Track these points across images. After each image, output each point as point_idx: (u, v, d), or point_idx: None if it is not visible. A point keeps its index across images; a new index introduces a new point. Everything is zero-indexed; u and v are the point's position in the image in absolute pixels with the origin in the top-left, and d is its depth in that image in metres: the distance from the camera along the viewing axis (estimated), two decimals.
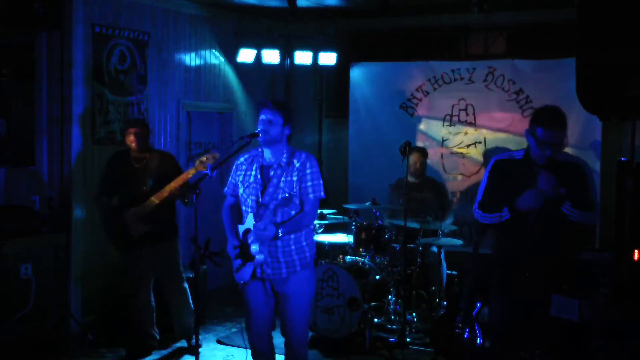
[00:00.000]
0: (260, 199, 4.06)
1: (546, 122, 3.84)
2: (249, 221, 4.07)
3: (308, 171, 4.09)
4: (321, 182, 4.14)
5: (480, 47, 7.81)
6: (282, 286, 4.18)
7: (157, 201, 5.17)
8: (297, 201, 4.07)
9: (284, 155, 4.12)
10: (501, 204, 3.92)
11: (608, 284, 5.03)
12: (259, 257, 4.03)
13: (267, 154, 4.15)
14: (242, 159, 4.27)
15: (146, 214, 5.22)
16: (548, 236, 3.94)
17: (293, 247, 4.13)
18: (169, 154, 5.66)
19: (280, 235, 3.98)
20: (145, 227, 5.25)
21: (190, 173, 5.10)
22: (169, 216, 5.47)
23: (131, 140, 5.33)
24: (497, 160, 4.05)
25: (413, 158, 6.58)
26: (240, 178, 4.21)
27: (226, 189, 4.34)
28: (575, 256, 4.10)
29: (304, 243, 4.19)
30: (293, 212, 4.06)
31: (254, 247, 4.02)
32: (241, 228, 4.14)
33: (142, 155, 5.37)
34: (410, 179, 6.56)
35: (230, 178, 4.32)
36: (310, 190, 4.08)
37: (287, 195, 4.04)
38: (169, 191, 5.14)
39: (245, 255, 4.07)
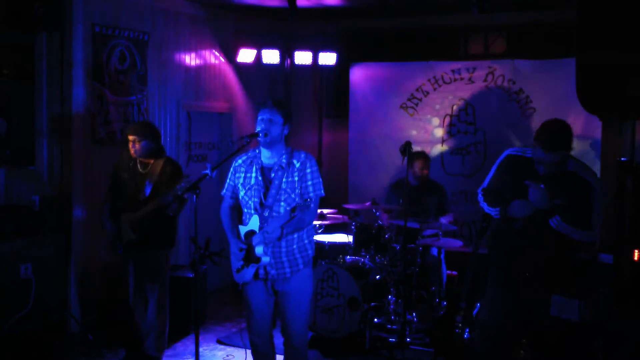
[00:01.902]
0: (263, 201, 4.07)
1: (545, 145, 3.78)
2: (253, 223, 4.08)
3: (308, 170, 4.11)
4: (320, 180, 4.16)
5: (480, 47, 7.82)
6: (283, 284, 4.19)
7: (141, 214, 5.11)
8: (299, 200, 4.08)
9: (284, 156, 4.12)
10: (497, 202, 3.98)
11: (608, 284, 5.04)
12: (265, 259, 4.04)
13: (266, 154, 4.15)
14: (240, 161, 4.26)
15: (135, 222, 5.13)
16: (537, 238, 3.95)
17: (295, 247, 4.15)
18: (172, 164, 5.35)
19: (283, 235, 3.99)
20: (133, 235, 5.15)
21: (156, 203, 5.02)
22: (162, 226, 5.24)
23: (132, 148, 5.20)
24: (509, 154, 4.08)
25: (418, 164, 6.58)
26: (241, 180, 4.21)
27: (224, 190, 4.33)
28: (571, 257, 4.07)
29: (306, 241, 4.21)
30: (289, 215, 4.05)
31: (259, 249, 4.02)
32: (242, 229, 4.15)
33: (147, 160, 5.28)
34: (413, 182, 6.57)
35: (228, 180, 4.32)
36: (311, 189, 4.10)
37: (292, 196, 4.06)
38: (143, 214, 5.08)
39: (250, 256, 4.07)
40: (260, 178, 4.12)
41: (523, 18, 7.46)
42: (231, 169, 4.30)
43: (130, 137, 5.20)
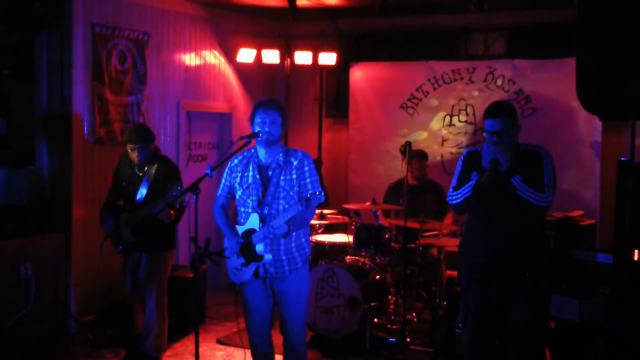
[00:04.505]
0: (262, 199, 4.08)
1: (488, 113, 4.12)
2: (252, 222, 4.08)
3: (306, 168, 4.13)
4: (318, 178, 4.19)
5: (480, 47, 7.82)
6: (281, 284, 4.19)
7: (136, 219, 5.08)
8: (297, 198, 4.09)
9: (281, 154, 4.13)
10: (466, 180, 4.16)
11: (608, 284, 5.04)
12: (267, 256, 4.05)
13: (263, 153, 4.15)
14: (236, 161, 4.27)
15: (134, 224, 5.10)
16: (503, 224, 4.08)
17: (293, 245, 4.16)
18: (167, 164, 5.28)
19: (290, 232, 4.01)
20: (131, 237, 5.12)
21: (147, 210, 5.00)
22: (160, 230, 5.18)
23: (133, 155, 5.15)
24: (468, 152, 4.33)
25: (417, 164, 6.60)
26: (238, 180, 4.21)
27: (219, 191, 4.33)
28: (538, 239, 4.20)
29: (303, 239, 4.23)
30: (299, 209, 4.05)
31: (260, 247, 4.03)
32: (240, 229, 4.15)
33: (145, 162, 5.22)
34: (413, 181, 6.58)
35: (223, 180, 4.31)
36: (310, 187, 4.11)
37: (290, 194, 4.06)
38: (138, 219, 5.06)
39: (250, 255, 4.08)
40: (258, 176, 4.13)
41: (523, 18, 7.46)
42: (227, 169, 4.30)
43: (130, 146, 5.14)
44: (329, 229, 6.82)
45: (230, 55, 7.82)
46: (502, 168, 4.03)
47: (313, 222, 6.36)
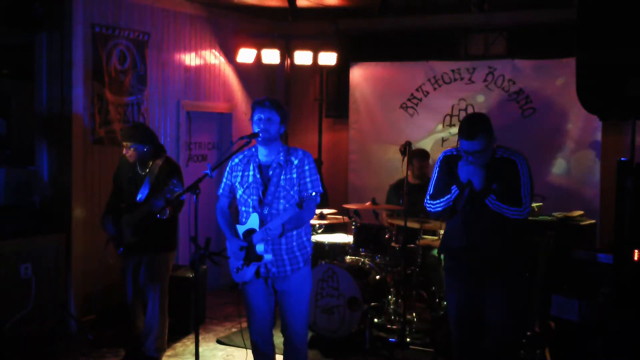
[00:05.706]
0: (262, 199, 4.08)
1: (463, 134, 4.02)
2: (252, 221, 4.08)
3: (306, 167, 4.13)
4: (319, 176, 4.19)
5: (480, 47, 7.82)
6: (282, 283, 4.19)
7: (137, 218, 5.07)
8: (297, 198, 4.09)
9: (281, 154, 4.13)
10: (450, 186, 4.12)
11: (608, 284, 5.03)
12: (267, 256, 4.05)
13: (263, 152, 4.16)
14: (236, 160, 4.27)
15: (135, 224, 5.09)
16: (482, 224, 4.08)
17: (295, 244, 4.16)
18: (169, 164, 5.26)
19: (285, 231, 4.00)
20: (132, 238, 5.10)
21: (147, 208, 4.99)
22: (161, 230, 5.17)
23: (127, 154, 5.13)
24: (445, 155, 4.28)
25: (418, 163, 6.61)
26: (238, 179, 4.21)
27: (221, 190, 4.33)
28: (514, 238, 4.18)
29: (304, 238, 4.23)
30: (296, 210, 4.06)
31: (260, 247, 4.03)
32: (240, 228, 4.15)
33: (146, 162, 5.20)
34: (414, 181, 6.57)
35: (224, 179, 4.31)
36: (309, 186, 4.11)
37: (291, 193, 4.06)
38: (138, 217, 5.05)
39: (251, 255, 4.07)
40: (258, 176, 4.13)
41: (523, 18, 7.46)
42: (227, 169, 4.30)
43: (123, 143, 5.16)
44: (329, 229, 6.82)
45: (230, 55, 7.82)
46: (477, 188, 3.99)
47: (313, 222, 6.36)
